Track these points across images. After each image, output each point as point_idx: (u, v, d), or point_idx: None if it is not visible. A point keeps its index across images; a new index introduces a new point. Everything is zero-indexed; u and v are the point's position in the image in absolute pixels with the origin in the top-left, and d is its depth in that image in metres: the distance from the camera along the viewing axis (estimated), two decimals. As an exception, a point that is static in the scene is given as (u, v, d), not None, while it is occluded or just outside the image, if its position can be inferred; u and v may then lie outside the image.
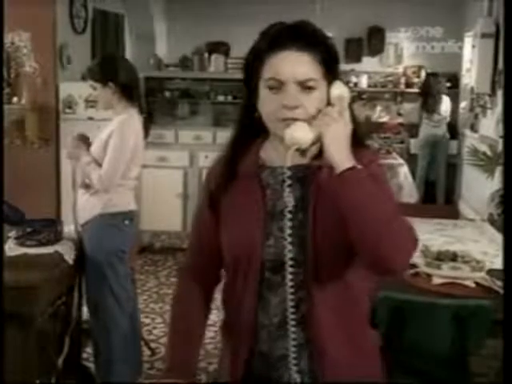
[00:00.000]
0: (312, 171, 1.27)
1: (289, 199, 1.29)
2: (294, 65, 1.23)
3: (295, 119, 1.23)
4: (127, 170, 2.83)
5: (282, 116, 1.24)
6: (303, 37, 1.24)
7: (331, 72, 1.26)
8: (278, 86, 1.23)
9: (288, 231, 1.27)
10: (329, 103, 1.25)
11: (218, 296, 1.45)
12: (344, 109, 1.24)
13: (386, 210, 1.18)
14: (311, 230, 1.25)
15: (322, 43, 1.26)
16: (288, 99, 1.22)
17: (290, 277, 1.27)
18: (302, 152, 1.27)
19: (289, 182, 1.30)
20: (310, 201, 1.26)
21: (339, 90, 1.26)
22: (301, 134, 1.23)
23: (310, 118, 1.23)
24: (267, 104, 1.26)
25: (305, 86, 1.23)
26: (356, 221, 1.17)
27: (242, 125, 1.36)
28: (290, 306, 1.27)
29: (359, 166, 1.18)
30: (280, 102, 1.23)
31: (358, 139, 1.28)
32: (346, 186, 1.17)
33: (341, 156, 1.18)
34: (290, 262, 1.26)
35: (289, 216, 1.27)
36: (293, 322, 1.28)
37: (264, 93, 1.26)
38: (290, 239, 1.27)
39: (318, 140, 1.22)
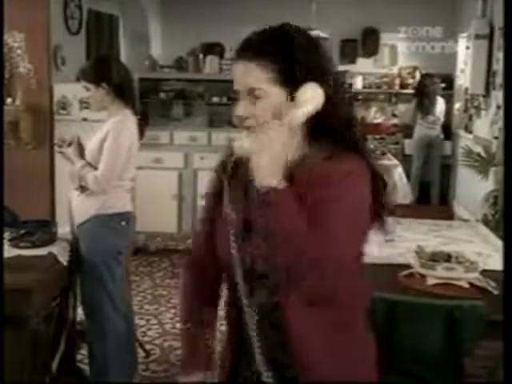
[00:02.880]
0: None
1: (232, 217, 1.29)
2: (242, 74, 1.25)
3: (247, 128, 1.25)
4: (123, 171, 2.82)
5: (239, 125, 1.27)
6: (254, 45, 1.25)
7: (291, 79, 1.22)
8: (237, 96, 1.27)
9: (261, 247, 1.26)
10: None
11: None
12: (289, 119, 1.20)
13: (295, 239, 1.14)
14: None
15: (272, 50, 1.23)
16: (236, 109, 1.26)
17: (245, 291, 1.27)
18: None
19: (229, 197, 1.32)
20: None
21: (301, 95, 1.22)
22: (238, 142, 1.23)
23: (260, 127, 1.23)
24: (234, 114, 1.29)
25: (253, 96, 1.23)
26: (271, 242, 1.17)
27: None
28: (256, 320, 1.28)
29: (281, 187, 1.15)
30: (235, 111, 1.27)
31: (344, 144, 1.26)
32: (264, 207, 1.15)
33: (264, 173, 1.16)
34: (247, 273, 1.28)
35: (232, 238, 1.27)
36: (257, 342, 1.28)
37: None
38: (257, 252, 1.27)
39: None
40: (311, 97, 1.22)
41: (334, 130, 1.25)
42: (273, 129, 1.20)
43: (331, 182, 1.19)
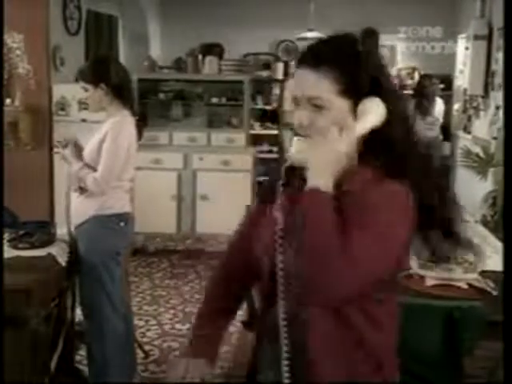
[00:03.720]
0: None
1: (278, 218, 1.27)
2: (302, 83, 1.23)
3: (306, 136, 1.24)
4: (122, 172, 2.83)
5: (299, 132, 1.26)
6: (316, 53, 1.23)
7: (354, 91, 1.21)
8: (297, 102, 1.25)
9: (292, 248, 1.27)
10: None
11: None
12: (352, 130, 1.20)
13: (320, 242, 1.13)
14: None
15: (337, 60, 1.22)
16: (298, 117, 1.24)
17: (281, 289, 1.26)
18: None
19: (281, 199, 1.29)
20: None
21: (362, 108, 1.22)
22: (293, 149, 1.24)
23: (319, 136, 1.22)
24: (293, 119, 1.28)
25: (314, 104, 1.22)
26: (296, 239, 1.17)
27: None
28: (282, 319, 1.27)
29: (327, 192, 1.15)
30: (295, 118, 1.26)
31: (394, 164, 1.22)
32: (302, 203, 1.17)
33: (314, 175, 1.17)
34: (285, 276, 1.26)
35: (279, 233, 1.25)
36: (285, 335, 1.27)
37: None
38: (290, 254, 1.26)
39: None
40: (374, 111, 1.22)
41: (385, 148, 1.23)
42: (333, 138, 1.20)
43: (373, 201, 1.18)
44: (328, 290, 1.14)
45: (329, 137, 1.20)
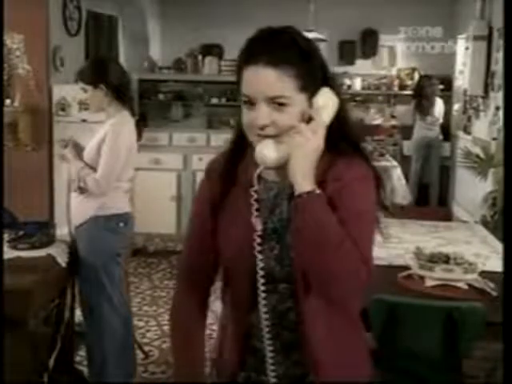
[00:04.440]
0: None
1: (257, 224, 1.26)
2: (262, 81, 1.18)
3: (267, 136, 1.20)
4: (122, 173, 2.83)
5: (255, 132, 1.22)
6: (273, 50, 1.18)
7: (311, 85, 1.21)
8: (250, 101, 1.20)
9: (274, 251, 1.27)
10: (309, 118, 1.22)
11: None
12: (320, 123, 1.20)
13: (327, 241, 1.15)
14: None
15: (295, 56, 1.19)
16: (257, 118, 1.19)
17: (263, 295, 1.26)
18: (279, 170, 1.24)
19: (256, 205, 1.26)
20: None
21: (322, 100, 1.22)
22: (268, 152, 1.20)
23: (282, 134, 1.20)
24: (244, 119, 1.24)
25: (275, 103, 1.18)
26: (296, 244, 1.19)
27: (239, 131, 1.31)
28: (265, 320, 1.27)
29: (317, 191, 1.16)
30: (252, 118, 1.20)
31: (351, 147, 1.26)
32: (297, 208, 1.17)
33: (302, 178, 1.17)
34: (268, 279, 1.26)
35: (258, 240, 1.25)
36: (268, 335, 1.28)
37: (242, 107, 1.24)
38: (271, 257, 1.26)
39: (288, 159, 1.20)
40: (332, 101, 1.23)
41: (342, 133, 1.26)
42: (306, 134, 1.18)
43: (351, 189, 1.21)
44: (346, 289, 1.18)
45: (303, 135, 1.18)
